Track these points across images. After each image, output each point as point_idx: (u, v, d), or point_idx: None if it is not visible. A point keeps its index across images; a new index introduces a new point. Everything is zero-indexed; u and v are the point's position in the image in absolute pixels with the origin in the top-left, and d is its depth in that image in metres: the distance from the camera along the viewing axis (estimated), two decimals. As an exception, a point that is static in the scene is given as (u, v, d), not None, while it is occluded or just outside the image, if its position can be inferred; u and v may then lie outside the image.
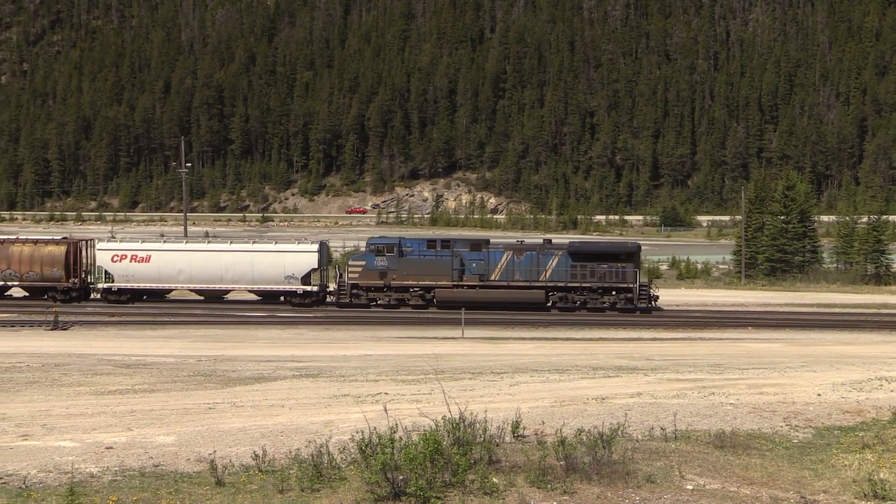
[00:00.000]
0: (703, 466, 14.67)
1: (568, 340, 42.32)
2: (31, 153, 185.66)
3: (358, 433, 14.53)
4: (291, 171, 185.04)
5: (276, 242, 57.01)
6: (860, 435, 16.80)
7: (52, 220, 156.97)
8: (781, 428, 17.23)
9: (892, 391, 21.90)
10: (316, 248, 54.35)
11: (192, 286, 54.20)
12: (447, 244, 53.93)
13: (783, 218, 79.67)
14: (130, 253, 53.89)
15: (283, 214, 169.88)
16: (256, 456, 14.26)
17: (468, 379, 26.49)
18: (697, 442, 15.89)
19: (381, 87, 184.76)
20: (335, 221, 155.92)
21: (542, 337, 43.42)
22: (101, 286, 54.34)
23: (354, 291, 52.89)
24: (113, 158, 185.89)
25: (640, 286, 52.16)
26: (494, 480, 13.61)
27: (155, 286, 54.07)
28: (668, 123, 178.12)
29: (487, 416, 15.43)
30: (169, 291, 55.10)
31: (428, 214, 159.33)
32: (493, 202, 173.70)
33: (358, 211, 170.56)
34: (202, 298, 54.76)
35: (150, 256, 53.72)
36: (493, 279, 52.57)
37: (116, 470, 14.11)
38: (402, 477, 13.12)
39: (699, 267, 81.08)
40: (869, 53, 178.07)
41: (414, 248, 53.74)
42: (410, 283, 52.76)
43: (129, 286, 53.71)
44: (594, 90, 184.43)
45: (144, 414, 19.90)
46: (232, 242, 57.50)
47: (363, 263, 53.38)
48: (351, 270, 53.68)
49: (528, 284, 52.39)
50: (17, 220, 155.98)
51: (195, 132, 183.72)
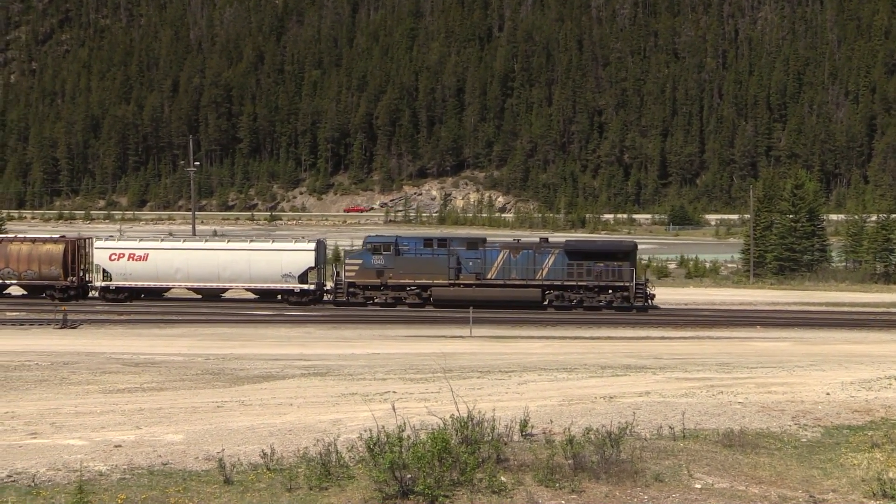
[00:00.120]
0: (711, 465, 14.65)
1: (576, 339, 42.28)
2: (39, 152, 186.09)
3: (366, 432, 14.54)
4: (299, 169, 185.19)
5: (273, 241, 57.01)
6: (869, 434, 16.75)
7: (60, 218, 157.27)
8: (790, 427, 17.19)
9: (901, 390, 21.84)
10: (313, 246, 54.36)
11: (189, 284, 54.22)
12: (444, 243, 53.89)
13: (792, 217, 79.55)
14: (128, 252, 53.97)
15: (291, 213, 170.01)
16: (265, 454, 14.26)
17: (476, 377, 26.48)
18: (706, 441, 15.86)
19: (389, 85, 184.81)
20: (343, 220, 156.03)
21: (550, 335, 43.39)
22: (98, 284, 54.47)
23: (351, 290, 52.84)
24: (121, 157, 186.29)
25: (636, 285, 52.05)
26: (502, 479, 13.61)
27: (152, 285, 54.14)
28: (676, 122, 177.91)
29: (495, 414, 15.43)
30: (167, 290, 55.13)
31: (436, 213, 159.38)
32: (501, 201, 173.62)
33: (357, 210, 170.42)
34: (200, 297, 54.83)
35: (147, 255, 53.79)
36: (489, 278, 52.51)
37: (125, 468, 14.13)
38: (410, 475, 13.12)
39: (707, 266, 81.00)
40: (878, 52, 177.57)
41: (410, 246, 53.72)
42: (407, 281, 52.70)
43: (126, 285, 53.78)
44: (602, 89, 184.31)
45: (153, 412, 19.92)
46: (229, 241, 57.53)
47: (360, 262, 53.35)
48: (348, 269, 53.65)
49: (524, 283, 52.34)
50: (25, 218, 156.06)
51: (203, 131, 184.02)
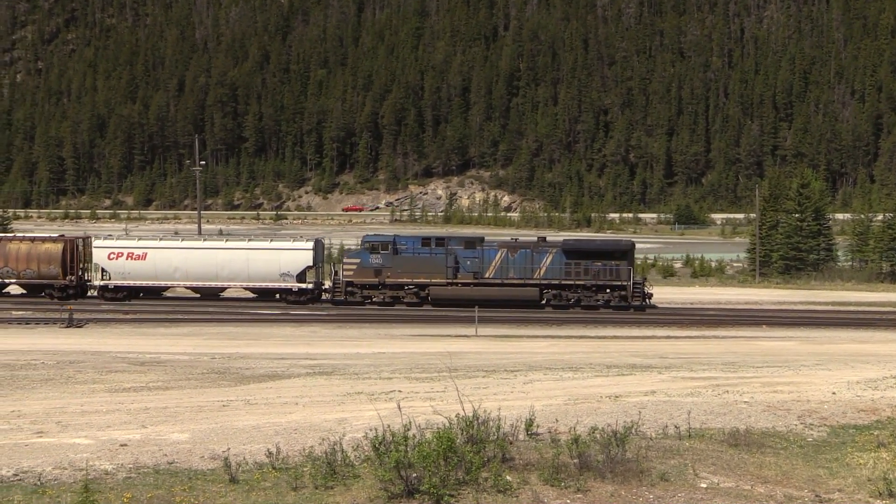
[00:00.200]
0: (717, 465, 14.64)
1: (581, 338, 42.26)
2: (45, 151, 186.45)
3: (371, 431, 14.53)
4: (305, 169, 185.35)
5: (271, 240, 57.02)
6: (875, 433, 16.71)
7: (66, 218, 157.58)
8: (796, 426, 17.16)
9: (907, 390, 21.80)
10: (311, 245, 54.35)
11: (188, 284, 54.24)
12: (441, 242, 53.88)
13: (798, 216, 79.46)
14: (126, 251, 53.98)
15: (296, 212, 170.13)
16: (270, 453, 14.27)
17: (482, 377, 26.46)
18: (711, 440, 15.84)
19: (394, 84, 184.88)
20: (349, 219, 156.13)
21: (555, 335, 43.37)
22: (97, 283, 54.50)
23: (349, 289, 52.77)
24: (127, 156, 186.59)
25: (633, 284, 52.02)
26: (508, 478, 13.60)
27: (151, 284, 54.18)
28: (682, 121, 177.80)
29: (501, 413, 15.42)
30: (165, 289, 55.16)
31: (441, 212, 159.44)
32: (506, 200, 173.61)
33: (355, 209, 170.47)
34: (198, 296, 54.89)
35: (146, 254, 53.81)
36: (487, 277, 52.45)
37: (131, 467, 14.15)
38: (415, 475, 13.12)
39: (713, 265, 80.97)
40: (884, 51, 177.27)
41: (408, 245, 53.71)
42: (405, 280, 52.63)
43: (125, 284, 53.80)
44: (608, 88, 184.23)
45: (158, 411, 19.94)
46: (227, 240, 57.52)
47: (358, 261, 53.28)
48: (346, 268, 53.60)
49: (522, 282, 52.29)
50: (31, 217, 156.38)
51: (209, 130, 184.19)
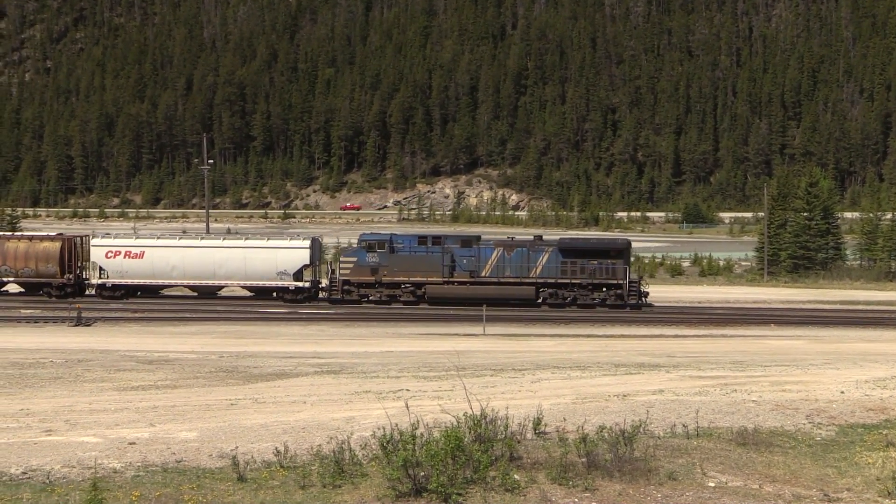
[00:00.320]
0: (725, 464, 14.63)
1: (589, 337, 42.25)
2: (54, 150, 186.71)
3: (379, 429, 14.55)
4: (313, 167, 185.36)
5: (268, 239, 57.16)
6: (884, 433, 16.69)
7: (75, 216, 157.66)
8: (804, 425, 17.14)
9: (916, 389, 21.75)
10: (307, 244, 54.39)
11: (185, 282, 54.35)
12: (438, 240, 53.98)
13: (806, 215, 79.23)
14: (124, 249, 54.08)
15: (304, 211, 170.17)
16: (278, 452, 14.30)
17: (489, 375, 26.47)
18: (719, 439, 15.83)
19: (402, 83, 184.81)
20: (356, 218, 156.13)
21: (563, 334, 43.37)
22: (95, 282, 54.59)
23: (346, 287, 52.84)
24: (135, 155, 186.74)
25: (629, 283, 52.02)
26: (516, 477, 13.61)
27: (149, 282, 54.30)
28: (690, 120, 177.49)
29: (509, 412, 15.43)
30: (163, 287, 55.23)
31: (449, 211, 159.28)
32: (514, 199, 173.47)
33: (352, 207, 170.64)
34: (196, 294, 54.92)
35: (143, 253, 53.90)
36: (483, 275, 52.48)
37: (139, 465, 14.19)
38: (423, 473, 13.13)
39: (721, 264, 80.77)
40: (893, 49, 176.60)
41: (405, 244, 53.82)
42: (401, 279, 52.66)
43: (123, 282, 53.92)
44: (616, 86, 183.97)
45: (167, 410, 19.98)
46: (225, 239, 57.61)
47: (354, 260, 53.33)
48: (342, 266, 53.67)
49: (518, 280, 52.31)
50: (40, 216, 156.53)
51: (217, 129, 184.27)
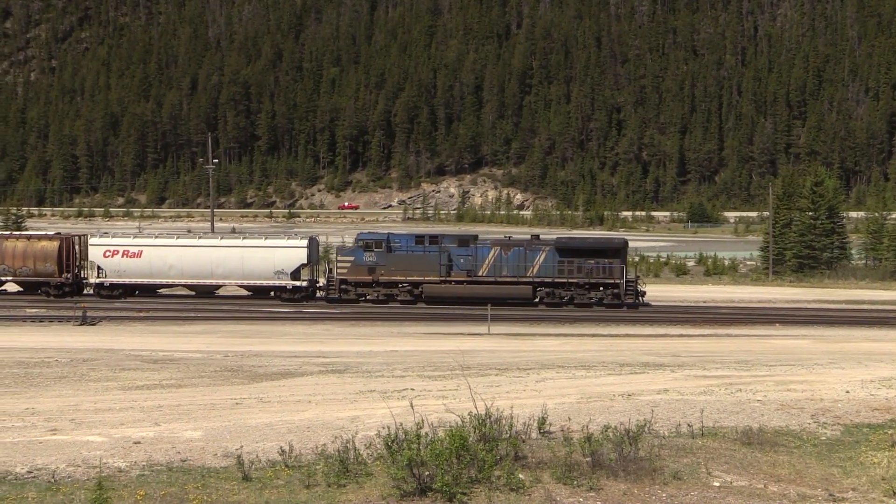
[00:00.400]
0: (730, 463, 14.61)
1: (594, 337, 42.18)
2: (59, 149, 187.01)
3: (384, 429, 14.56)
4: (318, 167, 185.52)
5: (265, 238, 57.15)
6: (889, 432, 16.67)
7: (80, 216, 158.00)
8: (809, 425, 17.12)
9: (921, 389, 21.71)
10: (305, 243, 54.30)
11: (183, 281, 54.25)
12: (435, 240, 53.86)
13: (811, 214, 79.15)
14: (122, 248, 54.00)
15: (309, 210, 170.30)
16: (283, 451, 14.31)
17: (494, 375, 26.45)
18: (724, 439, 15.81)
19: (407, 83, 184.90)
20: (361, 217, 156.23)
21: (568, 333, 43.32)
22: (93, 281, 54.63)
23: (343, 287, 52.76)
24: (140, 155, 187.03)
25: (626, 282, 51.95)
26: (520, 477, 13.61)
27: (146, 281, 54.22)
28: (695, 119, 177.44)
29: (513, 412, 15.43)
30: (161, 287, 55.20)
31: (454, 210, 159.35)
32: (519, 198, 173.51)
33: (350, 207, 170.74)
34: (193, 293, 54.97)
35: (141, 252, 53.83)
36: (480, 275, 52.39)
37: (144, 464, 14.20)
38: (428, 473, 13.13)
39: (726, 263, 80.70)
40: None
41: (402, 243, 53.68)
42: (398, 278, 52.55)
43: (120, 281, 53.87)
44: (621, 86, 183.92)
45: (172, 409, 19.99)
46: (222, 238, 57.62)
47: (352, 259, 53.18)
48: (340, 266, 53.53)
49: (515, 280, 52.19)
50: (45, 216, 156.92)
51: (222, 128, 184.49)
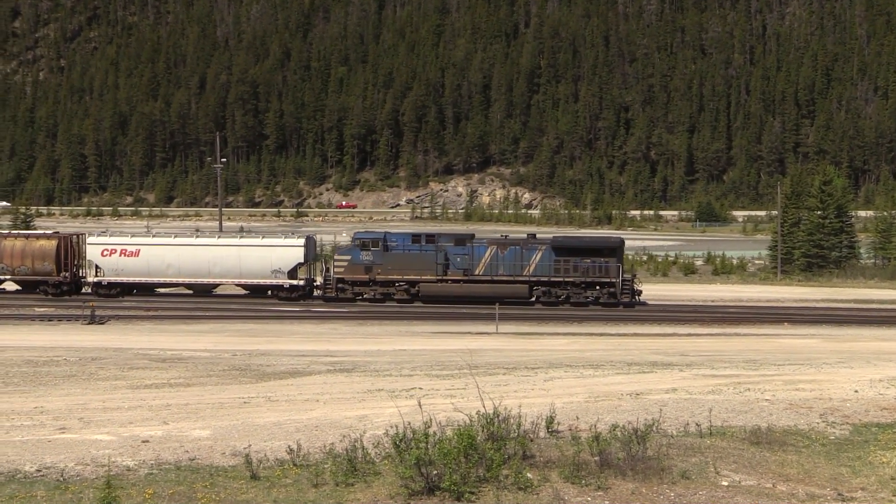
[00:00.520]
0: (738, 463, 14.60)
1: (602, 336, 42.16)
2: (68, 149, 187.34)
3: (392, 428, 14.56)
4: (326, 166, 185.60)
5: (263, 237, 57.26)
6: (898, 432, 16.64)
7: (88, 215, 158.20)
8: (818, 424, 17.09)
9: (930, 388, 21.67)
10: (302, 242, 54.39)
11: (180, 280, 54.30)
12: (432, 239, 53.96)
13: (820, 213, 78.97)
14: (120, 247, 54.08)
15: (317, 209, 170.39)
16: (291, 450, 14.32)
17: (502, 374, 26.45)
18: (733, 438, 15.80)
19: (415, 82, 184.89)
20: (370, 216, 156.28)
21: (576, 332, 43.31)
22: (91, 280, 54.69)
23: (340, 286, 52.82)
24: (149, 154, 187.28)
25: (623, 281, 51.99)
26: (528, 475, 13.61)
27: (144, 280, 54.30)
28: (703, 118, 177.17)
29: (521, 411, 15.42)
30: (159, 285, 55.27)
31: (462, 210, 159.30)
32: (527, 197, 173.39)
33: (348, 206, 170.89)
34: (191, 292, 55.04)
35: (139, 251, 53.91)
36: (477, 273, 52.47)
37: (153, 463, 14.23)
38: (436, 472, 13.14)
39: (734, 262, 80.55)
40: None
41: (399, 242, 53.76)
42: (395, 277, 52.66)
43: (118, 280, 53.96)
44: (629, 85, 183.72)
45: (180, 408, 20.02)
46: (220, 237, 57.69)
47: (349, 258, 53.28)
48: (336, 265, 53.57)
49: (511, 279, 52.26)
50: (54, 215, 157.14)
51: (230, 128, 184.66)
